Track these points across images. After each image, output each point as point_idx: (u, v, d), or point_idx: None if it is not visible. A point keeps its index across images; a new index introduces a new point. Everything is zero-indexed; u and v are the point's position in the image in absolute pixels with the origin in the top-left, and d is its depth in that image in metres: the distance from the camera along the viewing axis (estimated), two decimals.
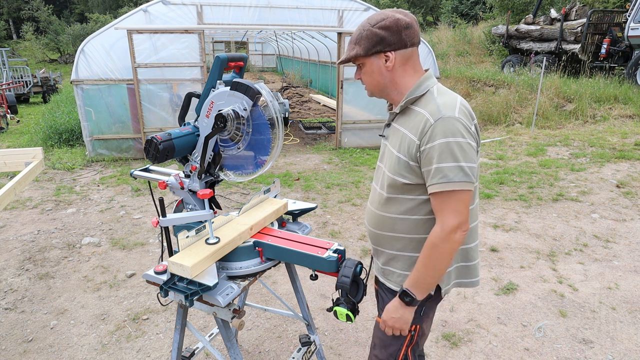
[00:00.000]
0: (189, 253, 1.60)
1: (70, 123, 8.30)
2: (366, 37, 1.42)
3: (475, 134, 1.41)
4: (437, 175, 1.33)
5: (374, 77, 1.48)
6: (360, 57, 1.46)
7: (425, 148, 1.35)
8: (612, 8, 14.61)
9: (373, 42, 1.41)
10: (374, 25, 1.41)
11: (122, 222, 4.78)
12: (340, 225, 4.65)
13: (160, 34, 6.65)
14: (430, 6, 30.11)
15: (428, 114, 1.37)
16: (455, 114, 1.34)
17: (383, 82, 1.48)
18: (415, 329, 1.59)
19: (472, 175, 1.34)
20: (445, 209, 1.36)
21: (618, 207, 5.07)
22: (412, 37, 1.42)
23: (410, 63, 1.46)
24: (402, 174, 1.44)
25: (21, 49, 30.56)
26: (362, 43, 1.43)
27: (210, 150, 1.84)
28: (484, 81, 11.84)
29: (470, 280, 1.63)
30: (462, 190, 1.33)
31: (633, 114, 8.98)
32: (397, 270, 1.58)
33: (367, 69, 1.48)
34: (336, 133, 8.05)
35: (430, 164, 1.35)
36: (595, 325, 3.02)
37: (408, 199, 1.48)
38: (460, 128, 1.33)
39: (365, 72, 1.50)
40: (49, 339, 2.94)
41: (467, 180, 1.33)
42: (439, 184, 1.33)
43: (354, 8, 7.43)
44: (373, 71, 1.47)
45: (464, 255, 1.58)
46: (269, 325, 3.08)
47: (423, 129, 1.36)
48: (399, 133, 1.48)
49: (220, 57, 1.78)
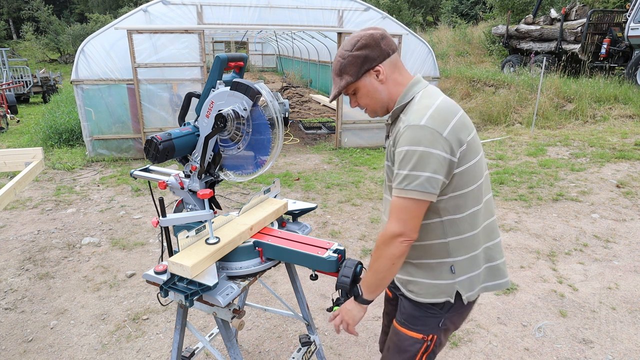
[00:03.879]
0: (189, 253, 1.60)
1: (70, 123, 8.30)
2: (350, 63, 1.44)
3: (454, 138, 1.34)
4: (396, 179, 1.35)
5: (372, 96, 1.49)
6: (352, 84, 1.48)
7: (394, 151, 1.39)
8: (612, 8, 14.61)
9: (359, 64, 1.43)
10: (352, 50, 1.43)
11: (122, 222, 4.78)
12: (340, 225, 4.65)
13: (160, 34, 6.65)
14: (430, 6, 30.10)
15: (405, 120, 1.39)
16: (421, 122, 1.33)
17: (381, 97, 1.49)
18: (432, 339, 1.56)
19: (427, 186, 1.31)
20: (392, 214, 1.36)
21: (618, 207, 5.07)
22: (390, 45, 1.45)
23: (397, 70, 1.48)
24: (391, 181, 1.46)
25: (21, 49, 30.56)
26: (347, 70, 1.45)
27: (210, 150, 1.84)
28: (484, 81, 11.84)
29: (498, 282, 1.57)
30: (411, 199, 1.32)
31: (633, 114, 8.97)
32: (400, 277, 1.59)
33: (363, 92, 1.49)
34: (336, 133, 8.05)
35: (394, 168, 1.38)
36: (595, 325, 3.02)
37: None
38: (423, 137, 1.31)
39: (361, 96, 1.50)
40: (49, 339, 2.94)
41: (420, 189, 1.30)
42: (395, 188, 1.35)
43: (354, 8, 7.43)
44: (369, 91, 1.48)
45: (488, 255, 1.54)
46: (269, 325, 3.08)
47: (396, 136, 1.40)
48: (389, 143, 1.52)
49: (220, 57, 1.78)
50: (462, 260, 1.48)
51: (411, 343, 1.57)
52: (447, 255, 1.47)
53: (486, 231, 1.52)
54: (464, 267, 1.49)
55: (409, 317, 1.57)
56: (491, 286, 1.57)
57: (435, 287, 1.50)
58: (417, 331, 1.56)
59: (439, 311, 1.53)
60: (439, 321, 1.54)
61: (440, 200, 1.40)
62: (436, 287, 1.50)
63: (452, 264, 1.48)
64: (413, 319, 1.56)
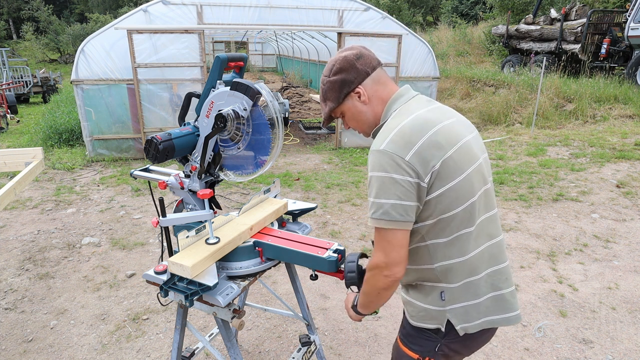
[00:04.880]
0: (189, 253, 1.60)
1: (70, 123, 8.30)
2: (329, 89, 1.45)
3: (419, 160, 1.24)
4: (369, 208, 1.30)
5: (357, 119, 1.47)
6: (336, 109, 1.47)
7: None
8: (612, 8, 14.61)
9: (337, 89, 1.43)
10: (329, 76, 1.44)
11: (122, 222, 4.78)
12: (340, 225, 4.65)
13: (160, 34, 6.65)
14: (430, 6, 30.10)
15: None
16: (381, 146, 1.26)
17: (367, 117, 1.45)
18: None
19: (395, 214, 1.23)
20: (376, 244, 1.31)
21: (618, 207, 5.07)
22: (368, 63, 1.41)
23: (382, 85, 1.43)
24: None
25: (21, 49, 30.56)
26: (329, 96, 1.45)
27: (210, 150, 1.84)
28: (484, 81, 11.84)
29: (505, 317, 1.41)
30: (381, 228, 1.26)
31: (633, 114, 8.97)
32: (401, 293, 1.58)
33: (349, 115, 1.48)
34: (336, 133, 8.05)
35: None
36: (595, 325, 3.02)
37: None
38: (384, 162, 1.24)
39: (348, 119, 1.49)
40: (49, 339, 2.94)
41: (386, 218, 1.24)
42: (369, 217, 1.30)
43: (354, 8, 7.43)
44: (353, 114, 1.46)
45: (491, 283, 1.40)
46: (269, 325, 3.08)
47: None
48: None
49: (220, 57, 1.78)
50: (454, 288, 1.37)
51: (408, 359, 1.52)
52: (436, 280, 1.38)
53: (487, 255, 1.38)
54: (455, 295, 1.37)
55: (407, 334, 1.52)
56: (498, 320, 1.41)
57: (425, 311, 1.43)
58: (413, 351, 1.49)
59: (434, 336, 1.44)
60: (435, 345, 1.45)
61: (423, 225, 1.32)
62: (426, 312, 1.42)
63: (443, 290, 1.38)
64: (410, 337, 1.51)
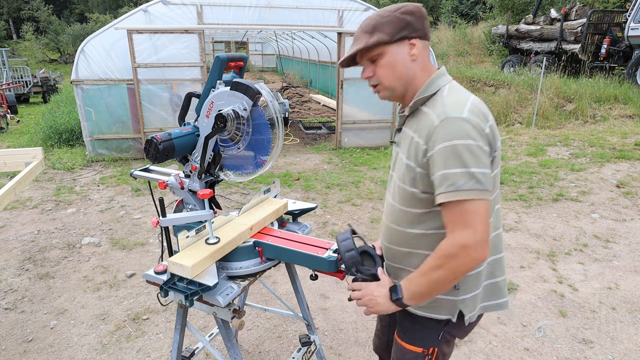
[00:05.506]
0: (189, 253, 1.60)
1: (70, 123, 8.30)
2: (388, 22, 1.25)
3: (492, 136, 1.23)
4: (444, 183, 1.16)
5: (396, 70, 1.28)
6: (380, 46, 1.26)
7: (432, 153, 1.20)
8: (612, 8, 14.62)
9: (399, 26, 1.24)
10: (395, 11, 1.25)
11: (122, 222, 4.78)
12: (340, 225, 4.65)
13: (160, 34, 6.65)
14: (430, 6, 30.08)
15: (435, 114, 1.23)
16: (463, 114, 1.18)
17: (407, 75, 1.30)
18: (432, 352, 1.47)
19: (485, 182, 1.16)
20: (456, 222, 1.18)
21: (618, 207, 5.07)
22: (429, 29, 1.30)
23: (427, 57, 1.32)
24: (411, 183, 1.31)
25: (21, 49, 30.55)
26: (383, 29, 1.24)
27: (210, 150, 1.84)
28: (484, 81, 11.83)
29: (497, 302, 1.44)
30: (474, 199, 1.15)
31: (633, 114, 8.98)
32: None
33: (388, 60, 1.28)
34: (336, 133, 8.05)
35: (435, 171, 1.19)
36: (595, 325, 3.02)
37: (420, 212, 1.33)
38: (469, 129, 1.17)
39: (383, 65, 1.29)
40: (49, 339, 2.94)
41: (480, 187, 1.15)
42: (446, 192, 1.16)
43: (354, 8, 7.43)
44: (396, 62, 1.28)
45: (489, 271, 1.41)
46: (269, 325, 3.08)
47: (429, 131, 1.22)
48: (408, 138, 1.34)
49: (220, 57, 1.78)
50: (467, 277, 1.35)
51: (412, 357, 1.49)
52: None
53: (492, 244, 1.37)
54: (467, 284, 1.36)
55: (407, 330, 1.49)
56: (491, 306, 1.44)
57: (436, 301, 1.38)
58: (417, 345, 1.47)
59: (437, 325, 1.43)
60: (438, 334, 1.44)
61: None
62: (437, 302, 1.39)
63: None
64: (411, 333, 1.48)
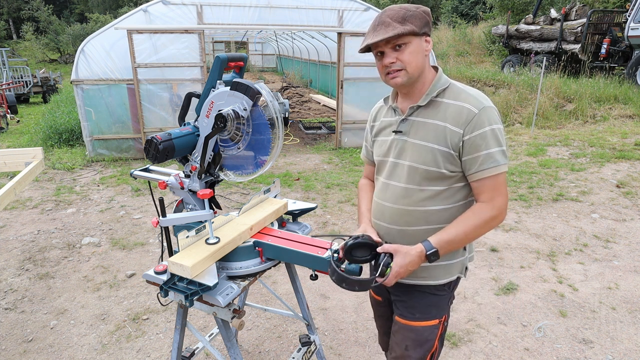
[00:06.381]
0: (189, 253, 1.60)
1: (70, 123, 8.30)
2: (417, 16, 1.41)
3: None
4: (487, 160, 1.42)
5: (418, 60, 1.44)
6: (409, 35, 1.40)
7: (471, 137, 1.41)
8: (612, 8, 14.61)
9: (423, 22, 1.42)
10: (417, 9, 1.43)
11: (122, 222, 4.78)
12: (340, 225, 4.65)
13: (160, 34, 6.65)
14: (431, 6, 30.03)
15: (468, 104, 1.43)
16: (489, 104, 1.45)
17: (422, 66, 1.47)
18: (445, 319, 1.66)
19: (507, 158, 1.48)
20: (497, 191, 1.44)
21: (618, 207, 5.07)
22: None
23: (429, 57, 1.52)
24: (441, 164, 1.47)
25: (21, 49, 30.55)
26: (414, 21, 1.40)
27: (210, 150, 1.84)
28: (484, 81, 11.84)
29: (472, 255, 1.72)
30: (504, 172, 1.45)
31: (633, 114, 8.97)
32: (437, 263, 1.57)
33: (414, 49, 1.42)
34: (336, 133, 8.05)
35: (478, 151, 1.42)
36: (595, 325, 3.02)
37: (442, 189, 1.51)
38: (498, 116, 1.47)
39: (411, 52, 1.42)
40: (49, 339, 2.94)
41: (507, 162, 1.46)
42: (489, 168, 1.42)
43: (354, 8, 7.43)
44: (418, 53, 1.44)
45: None
46: (269, 325, 3.08)
47: (466, 118, 1.42)
48: (427, 125, 1.49)
49: (220, 57, 1.78)
50: None
51: (430, 331, 1.62)
52: None
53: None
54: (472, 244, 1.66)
55: (424, 307, 1.62)
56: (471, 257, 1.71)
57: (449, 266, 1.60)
58: (432, 318, 1.62)
59: (448, 290, 1.63)
60: (447, 300, 1.65)
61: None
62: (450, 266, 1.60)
63: None
64: (427, 308, 1.62)
